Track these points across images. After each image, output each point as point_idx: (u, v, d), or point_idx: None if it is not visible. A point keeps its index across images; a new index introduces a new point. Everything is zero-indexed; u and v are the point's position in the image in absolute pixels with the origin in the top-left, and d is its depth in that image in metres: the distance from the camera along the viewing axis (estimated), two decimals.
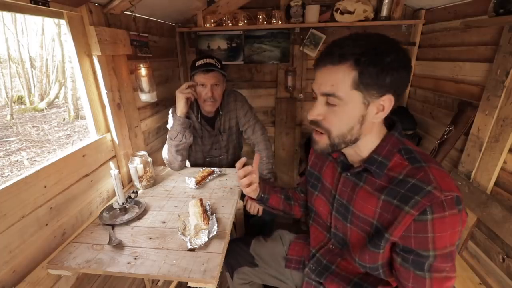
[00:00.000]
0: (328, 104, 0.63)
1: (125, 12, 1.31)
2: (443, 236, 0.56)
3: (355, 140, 0.66)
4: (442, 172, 0.60)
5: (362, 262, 0.72)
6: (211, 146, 1.59)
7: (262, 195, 0.93)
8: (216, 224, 0.98)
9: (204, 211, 1.00)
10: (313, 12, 1.85)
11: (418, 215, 0.57)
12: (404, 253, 0.63)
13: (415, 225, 0.58)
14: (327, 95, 0.61)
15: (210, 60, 1.36)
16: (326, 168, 0.85)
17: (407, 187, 0.60)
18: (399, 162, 0.64)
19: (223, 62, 2.13)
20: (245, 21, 1.95)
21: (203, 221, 0.98)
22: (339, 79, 0.59)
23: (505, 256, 1.14)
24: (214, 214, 1.05)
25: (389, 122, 0.71)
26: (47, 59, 6.77)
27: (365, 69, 0.56)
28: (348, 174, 0.74)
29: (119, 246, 0.94)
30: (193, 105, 1.50)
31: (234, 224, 1.43)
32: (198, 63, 1.36)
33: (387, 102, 0.60)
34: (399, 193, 0.61)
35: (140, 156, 1.30)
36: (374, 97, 0.60)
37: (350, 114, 0.62)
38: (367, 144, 0.68)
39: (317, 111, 0.64)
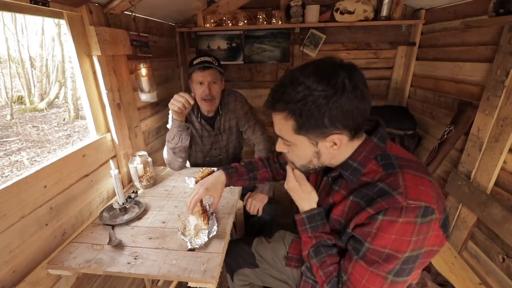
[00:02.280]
0: (284, 142, 0.68)
1: (125, 12, 1.31)
2: (385, 237, 0.57)
3: (322, 165, 0.69)
4: (420, 180, 0.59)
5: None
6: (211, 146, 1.59)
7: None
8: (216, 224, 0.98)
9: (204, 211, 1.00)
10: (313, 12, 1.85)
11: (373, 214, 0.58)
12: (350, 239, 0.66)
13: (366, 220, 0.60)
14: (279, 136, 0.67)
15: (207, 58, 1.35)
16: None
17: (375, 190, 0.60)
18: (374, 168, 0.64)
19: (223, 62, 2.16)
20: (245, 21, 1.95)
21: (203, 220, 0.98)
22: (282, 125, 0.63)
23: (505, 256, 1.14)
24: (214, 214, 1.05)
25: (373, 124, 0.70)
26: (47, 59, 6.76)
27: (299, 118, 0.58)
28: (327, 178, 0.75)
29: (119, 246, 0.94)
30: (193, 105, 1.49)
31: (234, 224, 1.43)
32: (195, 61, 1.36)
33: (336, 140, 0.61)
34: (366, 195, 0.62)
35: (140, 156, 1.30)
36: (320, 138, 0.61)
37: (302, 152, 0.66)
38: (340, 158, 0.68)
39: (279, 148, 0.70)
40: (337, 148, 0.63)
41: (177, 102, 1.26)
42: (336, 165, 0.70)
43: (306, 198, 0.77)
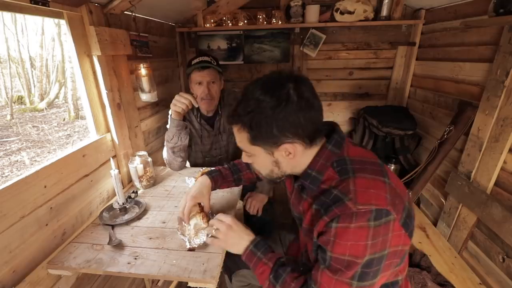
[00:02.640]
0: (246, 154, 0.71)
1: (125, 12, 1.31)
2: (342, 244, 0.57)
3: (285, 174, 0.72)
4: (372, 182, 0.59)
5: None
6: (210, 146, 1.59)
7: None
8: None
9: (202, 210, 1.00)
10: (313, 12, 1.85)
11: (328, 221, 0.59)
12: (318, 248, 0.66)
13: (324, 228, 0.61)
14: (241, 148, 0.70)
15: (206, 58, 1.35)
16: (287, 177, 0.86)
17: (331, 198, 0.61)
18: (331, 175, 0.65)
19: (223, 62, 2.16)
20: (245, 21, 1.95)
21: (202, 219, 0.97)
22: (239, 138, 0.67)
23: (505, 256, 1.14)
24: (215, 215, 1.05)
25: (330, 129, 0.70)
26: (47, 59, 6.76)
27: (251, 130, 0.62)
28: (297, 186, 0.76)
29: (119, 246, 0.94)
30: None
31: None
32: (193, 61, 1.36)
33: (290, 149, 0.63)
34: (324, 202, 0.63)
35: (140, 156, 1.30)
36: (273, 148, 0.64)
37: (262, 162, 0.70)
38: (301, 166, 0.69)
39: (244, 159, 0.74)
40: (293, 157, 0.65)
41: (181, 103, 1.27)
42: (299, 174, 0.72)
43: (243, 237, 0.80)
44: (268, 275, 0.72)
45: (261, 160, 0.69)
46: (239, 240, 0.80)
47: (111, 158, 1.17)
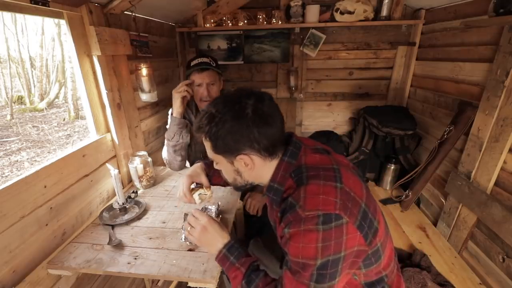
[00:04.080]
0: (214, 161, 0.77)
1: (125, 12, 1.31)
2: (295, 247, 0.61)
3: (248, 183, 0.76)
4: (323, 188, 0.61)
5: None
6: None
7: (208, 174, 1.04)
8: None
9: (201, 186, 1.00)
10: (313, 12, 1.85)
11: (283, 227, 0.63)
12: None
13: (282, 233, 0.65)
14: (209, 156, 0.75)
15: (205, 59, 1.35)
16: None
17: (287, 205, 0.64)
18: (291, 184, 0.68)
19: (223, 62, 2.16)
20: (245, 21, 1.95)
21: (205, 189, 0.97)
22: (206, 147, 0.72)
23: (505, 256, 1.14)
24: (221, 216, 1.05)
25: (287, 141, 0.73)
26: (47, 59, 6.75)
27: (211, 140, 0.67)
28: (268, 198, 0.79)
29: (119, 246, 0.94)
30: (192, 104, 1.49)
31: (234, 224, 1.42)
32: (193, 63, 1.36)
33: (246, 160, 0.68)
34: (284, 210, 0.66)
35: (140, 156, 1.30)
36: (232, 158, 0.69)
37: (226, 170, 0.76)
38: (266, 177, 0.73)
39: (214, 166, 0.79)
40: (252, 168, 0.69)
41: (183, 87, 1.32)
42: (266, 187, 0.75)
43: (218, 239, 0.81)
44: (240, 280, 0.74)
45: (224, 168, 0.75)
46: (213, 241, 0.81)
47: (109, 161, 1.16)
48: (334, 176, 0.64)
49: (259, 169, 0.70)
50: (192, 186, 0.99)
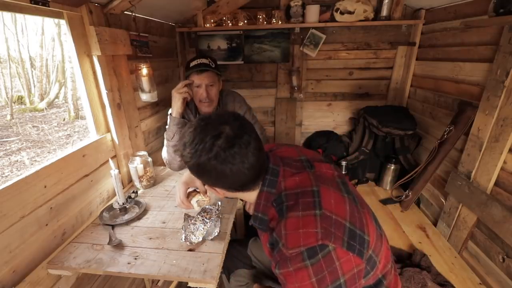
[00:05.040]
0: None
1: (125, 12, 1.31)
2: (292, 287, 0.59)
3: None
4: (302, 221, 0.59)
5: None
6: None
7: None
8: (219, 226, 0.99)
9: (198, 192, 0.99)
10: (313, 12, 1.85)
11: (274, 266, 0.62)
12: None
13: (275, 272, 0.63)
14: None
15: (204, 60, 1.35)
16: None
17: (274, 240, 0.63)
18: (274, 214, 0.67)
19: (223, 62, 2.16)
20: (245, 21, 1.94)
21: (203, 195, 0.97)
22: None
23: (505, 256, 1.14)
24: (220, 217, 1.05)
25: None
26: (47, 59, 6.75)
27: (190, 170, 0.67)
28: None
29: (119, 246, 0.94)
30: (191, 105, 1.49)
31: (234, 224, 1.42)
32: (192, 64, 1.35)
33: (218, 190, 0.70)
34: (272, 244, 0.65)
35: (140, 156, 1.30)
36: (206, 184, 0.72)
37: (212, 194, 0.79)
38: (253, 199, 0.72)
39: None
40: (232, 195, 0.72)
41: (184, 88, 1.33)
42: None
43: None
44: None
45: (210, 192, 0.78)
46: None
47: (110, 160, 1.16)
48: (313, 202, 0.62)
49: (241, 195, 0.72)
50: (190, 189, 0.98)
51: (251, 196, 0.71)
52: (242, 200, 1.34)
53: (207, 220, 0.98)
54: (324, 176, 0.70)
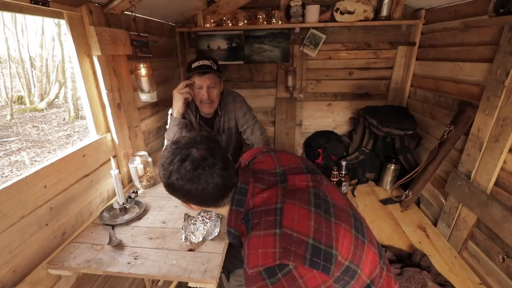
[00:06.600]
0: None
1: (125, 12, 1.31)
2: None
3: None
4: (262, 240, 0.60)
5: None
6: None
7: None
8: (219, 226, 0.99)
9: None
10: (313, 12, 1.85)
11: (245, 284, 0.63)
12: None
13: None
14: None
15: (206, 62, 1.35)
16: None
17: (242, 257, 0.65)
18: (244, 232, 0.69)
19: (223, 62, 2.16)
20: (245, 21, 1.94)
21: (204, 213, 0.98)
22: None
23: (505, 256, 1.14)
24: (221, 217, 1.05)
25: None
26: (47, 59, 6.75)
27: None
28: None
29: (119, 246, 0.94)
30: (192, 105, 1.49)
31: None
32: (194, 65, 1.35)
33: (194, 207, 0.74)
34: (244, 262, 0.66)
35: (140, 156, 1.30)
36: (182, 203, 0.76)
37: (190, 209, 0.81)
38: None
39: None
40: (207, 209, 0.75)
41: (185, 89, 1.34)
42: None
43: None
44: None
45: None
46: None
47: (111, 158, 1.16)
48: (274, 220, 0.62)
49: (215, 210, 0.75)
50: None
51: (223, 212, 0.75)
52: None
53: (207, 220, 0.98)
54: (295, 190, 0.69)
